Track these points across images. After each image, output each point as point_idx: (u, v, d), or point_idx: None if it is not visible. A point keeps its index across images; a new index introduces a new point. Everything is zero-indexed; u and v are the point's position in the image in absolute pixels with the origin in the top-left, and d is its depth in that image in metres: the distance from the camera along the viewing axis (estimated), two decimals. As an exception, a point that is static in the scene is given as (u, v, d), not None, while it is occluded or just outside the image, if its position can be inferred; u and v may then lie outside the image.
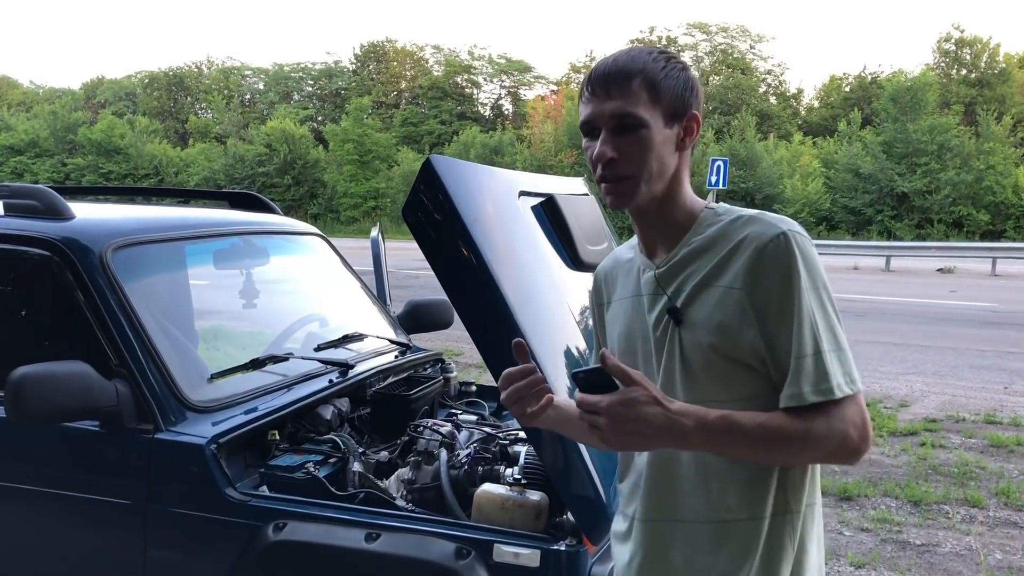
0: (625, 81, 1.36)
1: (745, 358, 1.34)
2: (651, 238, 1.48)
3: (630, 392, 1.24)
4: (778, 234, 1.34)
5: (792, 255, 1.32)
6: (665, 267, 1.44)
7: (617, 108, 1.35)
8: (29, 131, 47.35)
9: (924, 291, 16.36)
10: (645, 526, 1.47)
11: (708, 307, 1.36)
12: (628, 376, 1.25)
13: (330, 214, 40.00)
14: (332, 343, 3.00)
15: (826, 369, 1.30)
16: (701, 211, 1.46)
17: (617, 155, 1.37)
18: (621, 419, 1.23)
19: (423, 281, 14.43)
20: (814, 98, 47.27)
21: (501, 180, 2.60)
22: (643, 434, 1.24)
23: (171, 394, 2.30)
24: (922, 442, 6.22)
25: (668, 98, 1.38)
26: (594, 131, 1.40)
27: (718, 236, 1.40)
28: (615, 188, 1.39)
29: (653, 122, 1.36)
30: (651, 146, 1.37)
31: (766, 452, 1.31)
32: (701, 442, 1.27)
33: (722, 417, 1.27)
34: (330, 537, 2.08)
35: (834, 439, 1.28)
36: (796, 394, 1.30)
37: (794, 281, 1.32)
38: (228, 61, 59.46)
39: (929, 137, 30.99)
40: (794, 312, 1.31)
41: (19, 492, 2.37)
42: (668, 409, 1.25)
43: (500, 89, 55.50)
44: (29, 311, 2.64)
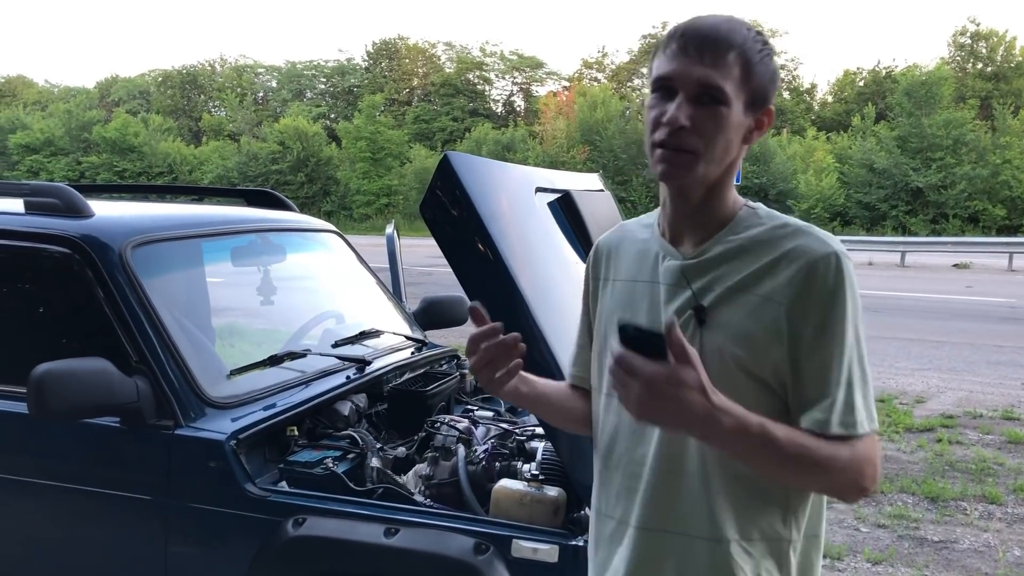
0: (723, 50, 1.25)
1: (764, 375, 1.29)
2: (682, 224, 1.39)
3: (680, 371, 1.12)
4: (830, 254, 1.27)
5: (842, 280, 1.27)
6: (695, 260, 1.35)
7: (706, 76, 1.25)
8: (44, 130, 47.62)
9: (940, 287, 16.28)
10: (642, 534, 1.38)
11: (740, 315, 1.29)
12: (685, 353, 1.12)
13: (343, 211, 40.07)
14: (349, 339, 3.01)
15: (854, 403, 1.26)
16: (740, 208, 1.38)
17: (689, 124, 1.25)
18: (659, 394, 1.11)
19: (436, 278, 14.44)
20: (828, 93, 47.00)
21: (517, 176, 2.61)
22: (674, 417, 1.14)
23: (191, 390, 2.31)
24: (939, 438, 6.19)
25: (756, 84, 1.29)
26: (670, 91, 1.28)
27: (760, 241, 1.32)
28: (673, 157, 1.27)
29: (735, 103, 1.27)
30: (725, 127, 1.27)
31: (785, 469, 1.24)
32: (729, 442, 1.18)
33: (760, 425, 1.19)
34: (349, 532, 2.09)
35: (850, 473, 1.24)
36: (823, 421, 1.25)
37: (839, 307, 1.26)
38: (241, 59, 59.64)
39: (944, 132, 30.77)
40: (835, 339, 1.26)
41: (41, 487, 2.39)
42: (711, 401, 1.14)
43: (512, 85, 55.44)
44: (49, 308, 2.67)
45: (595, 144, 35.96)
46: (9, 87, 61.79)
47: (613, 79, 49.42)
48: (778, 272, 1.28)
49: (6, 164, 47.73)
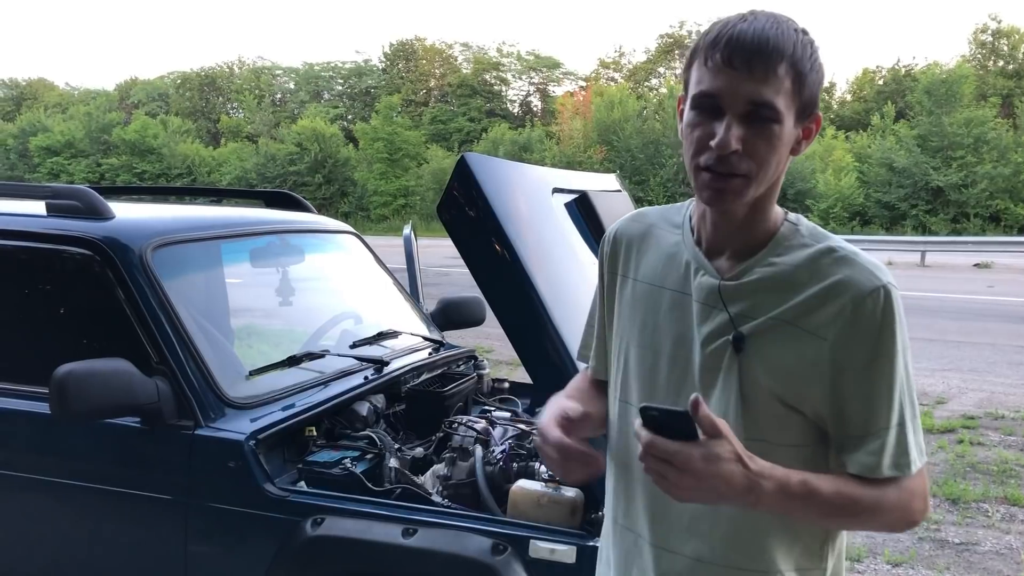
0: (774, 62, 1.15)
1: (802, 408, 1.23)
2: (721, 240, 1.30)
3: (715, 447, 1.08)
4: (879, 287, 1.20)
5: (892, 316, 1.20)
6: (734, 282, 1.27)
7: (758, 94, 1.15)
8: (65, 132, 48.05)
9: (961, 286, 16.14)
10: (670, 558, 1.32)
11: (781, 348, 1.22)
12: (716, 427, 1.08)
13: (360, 212, 40.19)
14: (367, 340, 3.02)
15: (907, 443, 1.21)
16: (781, 224, 1.29)
17: (741, 148, 1.16)
18: (698, 475, 1.07)
19: (452, 278, 14.46)
20: (846, 92, 46.70)
21: (534, 177, 2.61)
22: (717, 492, 1.09)
23: (210, 391, 2.33)
24: (960, 439, 6.14)
25: (808, 94, 1.19)
26: (714, 109, 1.17)
27: (804, 267, 1.24)
28: (722, 184, 1.19)
29: (787, 118, 1.18)
30: (778, 146, 1.18)
31: (832, 518, 1.22)
32: (773, 504, 1.14)
33: (803, 483, 1.15)
34: (368, 532, 2.10)
35: (898, 511, 1.21)
36: (873, 465, 1.20)
37: (888, 344, 1.20)
38: (259, 61, 59.92)
39: (965, 130, 30.49)
40: (882, 378, 1.20)
41: (63, 487, 2.41)
42: (750, 469, 1.10)
43: (529, 86, 55.44)
44: (71, 309, 2.69)
45: (612, 144, 35.88)
46: (31, 90, 62.38)
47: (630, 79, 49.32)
48: (823, 306, 1.21)
49: (28, 166, 48.21)
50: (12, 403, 2.50)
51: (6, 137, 50.00)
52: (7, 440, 2.52)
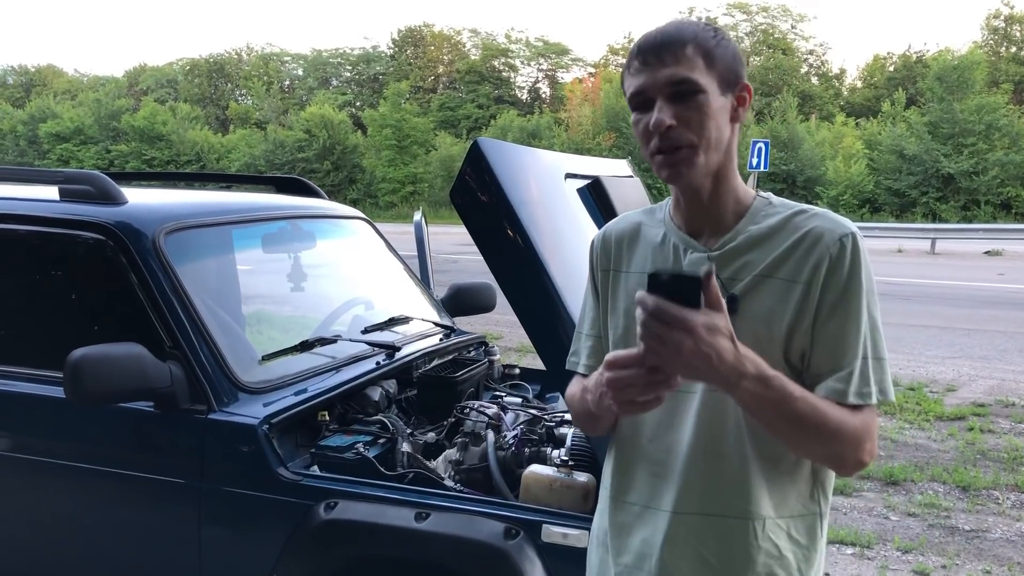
0: (679, 47, 1.30)
1: (792, 354, 1.34)
2: (698, 219, 1.42)
3: (717, 318, 1.16)
4: (847, 233, 1.33)
5: (859, 257, 1.32)
6: (721, 251, 1.38)
7: (673, 74, 1.30)
8: (74, 119, 48.15)
9: (971, 274, 16.07)
10: (677, 518, 1.40)
11: (769, 300, 1.34)
12: (719, 299, 1.17)
13: (369, 199, 40.20)
14: (379, 326, 3.02)
15: (869, 375, 1.31)
16: (754, 199, 1.42)
17: (675, 122, 1.30)
18: (698, 340, 1.13)
19: (462, 265, 14.47)
20: (857, 78, 46.46)
21: (547, 162, 2.60)
22: (707, 366, 1.16)
23: (224, 375, 2.33)
24: (970, 427, 6.12)
25: (721, 65, 1.33)
26: (647, 103, 1.33)
27: (779, 227, 1.37)
28: (672, 159, 1.32)
29: (710, 88, 1.31)
30: (709, 112, 1.31)
31: (796, 428, 1.27)
32: (749, 392, 1.21)
33: (779, 378, 1.24)
34: (380, 516, 2.11)
35: (854, 442, 1.29)
36: (841, 391, 1.30)
37: (858, 283, 1.32)
38: (267, 47, 60.05)
39: (977, 117, 30.31)
40: (850, 313, 1.32)
41: (77, 471, 2.43)
42: (738, 349, 1.19)
43: (537, 72, 55.29)
44: (84, 294, 2.70)
45: (621, 131, 35.77)
46: (40, 77, 62.50)
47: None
48: (798, 254, 1.34)
49: (37, 153, 48.34)
50: (27, 387, 2.52)
51: (16, 124, 50.12)
52: (22, 424, 2.54)
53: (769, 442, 1.34)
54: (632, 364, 1.20)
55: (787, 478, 1.38)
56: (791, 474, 1.38)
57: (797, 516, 1.39)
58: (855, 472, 1.33)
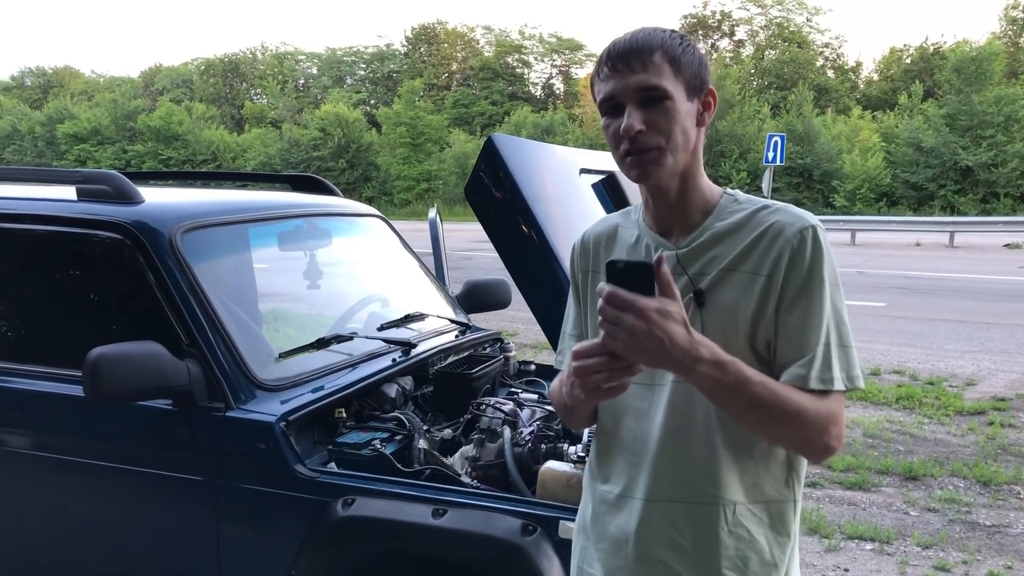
0: (647, 55, 1.35)
1: (758, 344, 1.38)
2: (667, 218, 1.47)
3: (668, 304, 1.21)
4: (807, 226, 1.38)
5: (820, 249, 1.36)
6: (687, 248, 1.44)
7: (642, 81, 1.35)
8: (91, 119, 48.53)
9: (990, 267, 15.93)
10: (649, 505, 1.44)
11: (734, 292, 1.38)
12: (671, 287, 1.23)
13: (384, 197, 40.31)
14: (394, 323, 3.03)
15: (832, 361, 1.35)
16: (720, 196, 1.47)
17: (644, 127, 1.35)
18: (650, 326, 1.20)
19: (476, 262, 14.48)
20: (873, 71, 46.16)
21: (562, 157, 2.60)
22: (661, 350, 1.21)
23: (241, 373, 2.34)
24: (990, 421, 6.07)
25: (688, 72, 1.38)
26: (616, 108, 1.38)
27: (743, 223, 1.42)
28: (641, 160, 1.38)
29: (677, 94, 1.36)
30: (677, 117, 1.36)
31: (757, 412, 1.31)
32: (706, 376, 1.26)
33: (734, 362, 1.28)
34: (398, 513, 2.11)
35: (817, 427, 1.32)
36: (803, 376, 1.34)
37: (819, 274, 1.36)
38: (282, 46, 60.27)
39: (995, 109, 30.05)
40: (812, 302, 1.35)
41: (96, 468, 2.44)
42: (692, 335, 1.24)
43: (551, 68, 55.23)
44: (102, 293, 2.72)
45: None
46: (57, 78, 63.00)
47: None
48: (761, 247, 1.38)
49: (55, 153, 48.74)
50: (46, 386, 2.53)
51: (34, 125, 50.57)
52: (42, 422, 2.56)
53: (738, 429, 1.38)
54: (595, 352, 1.26)
55: (759, 464, 1.42)
56: (763, 461, 1.42)
57: (770, 502, 1.43)
58: (823, 458, 1.37)
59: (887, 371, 7.60)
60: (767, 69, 43.78)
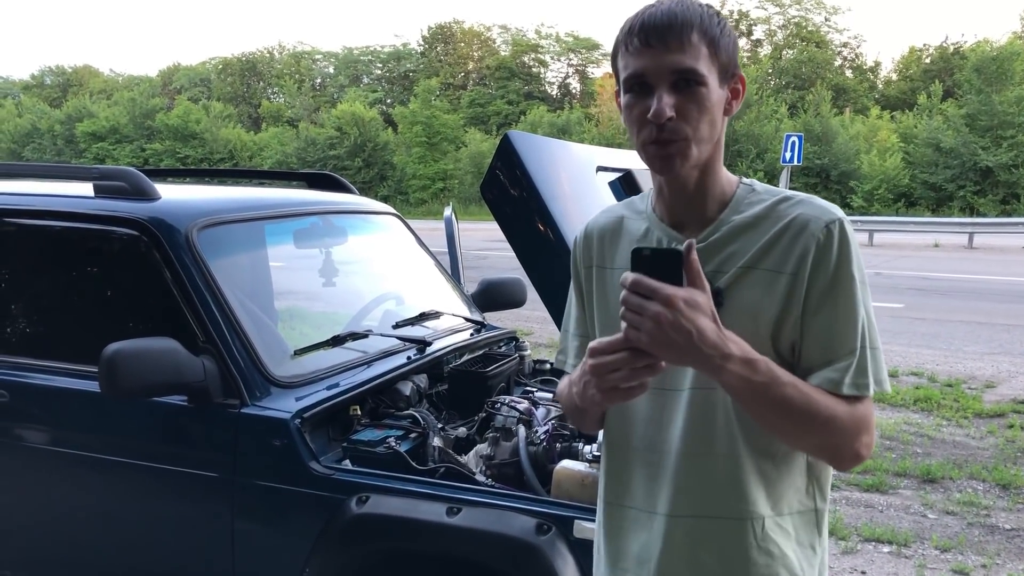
0: (686, 33, 1.23)
1: (781, 346, 1.29)
2: (682, 211, 1.36)
3: (697, 295, 1.14)
4: (834, 220, 1.28)
5: (847, 244, 1.27)
6: (703, 243, 1.32)
7: (677, 62, 1.23)
8: (110, 118, 48.86)
9: (1010, 269, 15.78)
10: (674, 522, 1.35)
11: (755, 292, 1.29)
12: (701, 276, 1.15)
13: (399, 196, 40.37)
14: (409, 320, 3.02)
15: (867, 365, 1.26)
16: (737, 187, 1.37)
17: (675, 114, 1.23)
18: (677, 316, 1.11)
19: (491, 261, 14.48)
20: (892, 71, 45.83)
21: (578, 155, 2.59)
22: (688, 343, 1.13)
23: (256, 370, 2.34)
24: (1010, 424, 6.01)
25: (724, 56, 1.27)
26: (644, 87, 1.26)
27: (763, 216, 1.31)
28: (666, 150, 1.26)
29: (711, 80, 1.25)
30: (708, 106, 1.26)
31: (786, 416, 1.22)
32: (736, 375, 1.17)
33: (765, 361, 1.20)
34: (412, 511, 2.10)
35: (848, 433, 1.25)
36: (837, 380, 1.25)
37: (848, 271, 1.27)
38: (299, 46, 60.50)
39: (1017, 109, 29.77)
40: (843, 302, 1.26)
41: (111, 464, 2.45)
42: (721, 329, 1.16)
43: (568, 68, 55.17)
44: (119, 289, 2.72)
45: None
46: (76, 77, 63.46)
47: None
48: (783, 243, 1.29)
49: (74, 151, 49.10)
50: (63, 381, 2.55)
51: (53, 123, 50.95)
52: (58, 418, 2.57)
53: (761, 438, 1.29)
54: (615, 348, 1.17)
55: (782, 474, 1.33)
56: (786, 470, 1.33)
57: (796, 513, 1.35)
58: (852, 466, 1.29)
59: (905, 373, 7.54)
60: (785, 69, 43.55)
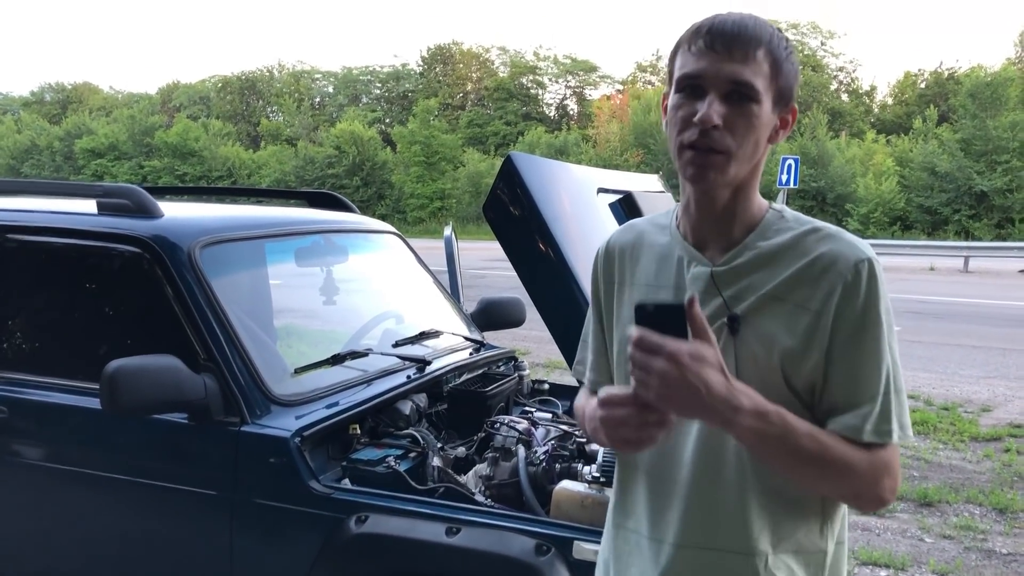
0: (752, 46, 1.22)
1: (798, 385, 1.25)
2: (707, 228, 1.33)
3: (703, 348, 1.11)
4: (863, 259, 1.24)
5: (876, 285, 1.24)
6: (725, 267, 1.30)
7: (737, 73, 1.21)
8: (109, 135, 48.96)
9: (1005, 293, 15.82)
10: (680, 552, 1.32)
11: (774, 324, 1.25)
12: (706, 330, 1.12)
13: (397, 215, 40.42)
14: (409, 339, 3.03)
15: (890, 412, 1.23)
16: (766, 212, 1.34)
17: (722, 123, 1.21)
18: (683, 371, 1.09)
19: (489, 280, 14.47)
20: (888, 95, 46.11)
21: (579, 176, 2.61)
22: (697, 399, 1.10)
23: (257, 388, 2.35)
24: (1006, 448, 6.01)
25: (783, 81, 1.25)
26: (697, 90, 1.24)
27: (790, 246, 1.28)
28: (705, 159, 1.23)
29: (765, 100, 1.23)
30: (757, 125, 1.23)
31: (803, 467, 1.21)
32: (748, 429, 1.15)
33: (778, 412, 1.17)
34: (411, 531, 2.10)
35: (868, 479, 1.22)
36: (857, 427, 1.22)
37: (875, 314, 1.23)
38: (298, 65, 60.59)
39: (1010, 134, 29.95)
40: (870, 346, 1.23)
41: (112, 481, 2.45)
42: (731, 382, 1.13)
43: (565, 89, 55.44)
44: (121, 306, 2.73)
45: (649, 147, 35.76)
46: (76, 94, 63.63)
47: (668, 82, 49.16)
48: (810, 279, 1.25)
49: (72, 168, 49.18)
50: (64, 398, 2.55)
51: (52, 140, 51.06)
52: (59, 434, 2.57)
53: (771, 472, 1.26)
54: (625, 403, 1.16)
55: (792, 512, 1.29)
56: (797, 507, 1.29)
57: (805, 553, 1.30)
58: (874, 510, 1.25)
59: (901, 396, 7.53)
60: (781, 92, 43.74)
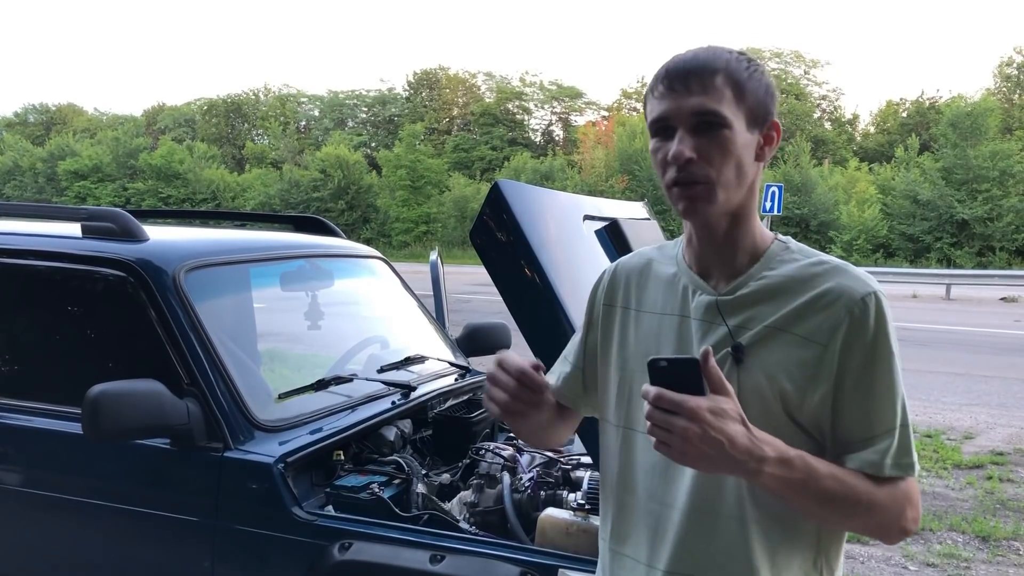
0: (708, 76, 1.23)
1: (802, 417, 1.25)
2: (710, 258, 1.34)
3: (722, 402, 1.11)
4: (870, 292, 1.24)
5: (883, 319, 1.24)
6: (730, 296, 1.30)
7: (699, 104, 1.23)
8: (93, 156, 48.75)
9: (987, 320, 15.95)
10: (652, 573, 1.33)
11: (779, 355, 1.25)
12: (723, 383, 1.12)
13: (382, 239, 40.40)
14: (394, 365, 3.02)
15: (909, 444, 1.24)
16: (771, 242, 1.34)
17: (696, 156, 1.23)
18: (705, 426, 1.08)
19: (474, 305, 14.48)
20: (870, 124, 46.67)
21: (566, 203, 2.62)
22: (720, 453, 1.10)
23: (240, 413, 2.33)
24: (989, 475, 6.04)
25: (752, 100, 1.26)
26: (668, 130, 1.26)
27: (796, 278, 1.28)
28: (689, 192, 1.25)
29: (736, 123, 1.24)
30: (732, 149, 1.24)
31: (826, 507, 1.21)
32: (772, 477, 1.15)
33: (800, 456, 1.17)
34: (395, 558, 2.08)
35: (892, 512, 1.23)
36: (877, 463, 1.22)
37: (887, 347, 1.23)
38: (284, 88, 60.74)
39: (991, 163, 30.34)
40: (881, 381, 1.23)
41: (92, 507, 2.42)
42: (752, 432, 1.13)
43: (551, 115, 55.79)
44: (105, 330, 2.71)
45: (634, 173, 35.95)
46: (60, 115, 63.46)
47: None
48: (817, 312, 1.24)
49: (55, 190, 48.91)
50: (45, 423, 2.52)
51: (35, 161, 50.79)
52: (39, 459, 2.54)
53: (769, 503, 1.25)
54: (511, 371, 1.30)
55: (789, 543, 1.28)
56: (794, 538, 1.28)
57: None
58: (898, 541, 1.26)
59: (885, 423, 7.55)
60: (765, 120, 44.17)
